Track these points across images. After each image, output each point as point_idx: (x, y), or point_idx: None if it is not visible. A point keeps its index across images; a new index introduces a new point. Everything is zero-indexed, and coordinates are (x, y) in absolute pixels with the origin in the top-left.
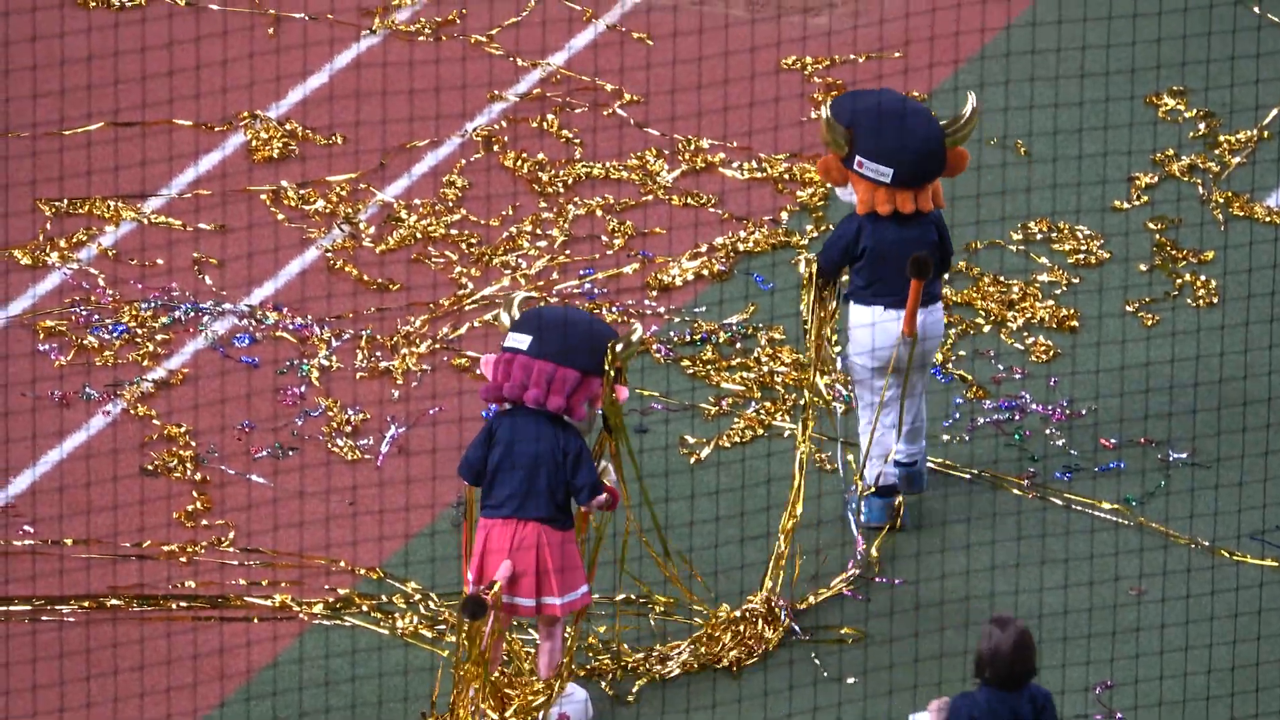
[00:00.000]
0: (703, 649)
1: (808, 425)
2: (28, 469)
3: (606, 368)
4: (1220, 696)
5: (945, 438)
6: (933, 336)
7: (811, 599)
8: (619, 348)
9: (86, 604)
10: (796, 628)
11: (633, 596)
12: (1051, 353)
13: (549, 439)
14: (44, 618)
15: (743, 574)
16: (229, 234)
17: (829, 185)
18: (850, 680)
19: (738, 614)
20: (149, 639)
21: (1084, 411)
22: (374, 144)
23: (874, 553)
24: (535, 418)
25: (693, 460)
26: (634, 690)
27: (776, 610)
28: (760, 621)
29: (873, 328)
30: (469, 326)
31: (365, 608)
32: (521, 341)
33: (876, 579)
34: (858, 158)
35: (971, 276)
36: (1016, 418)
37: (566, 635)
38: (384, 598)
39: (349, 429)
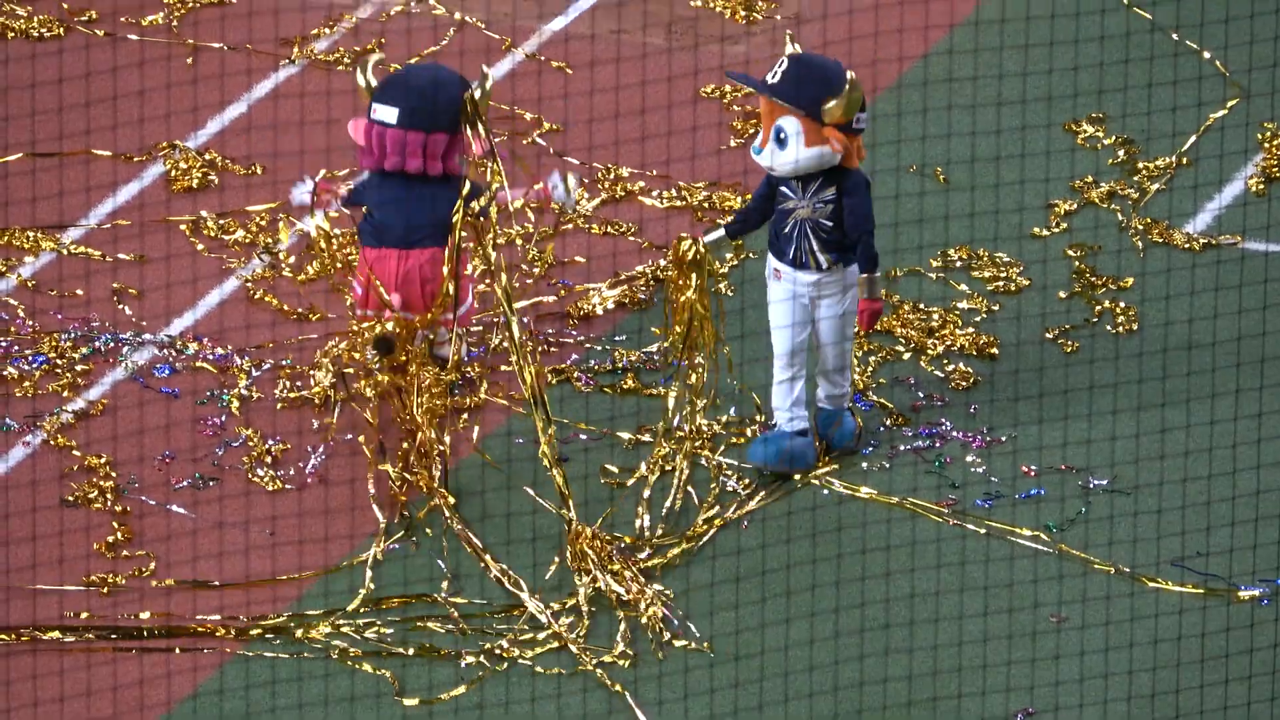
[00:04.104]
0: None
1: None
2: None
3: (470, 115)
4: None
5: (865, 465)
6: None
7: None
8: (476, 94)
9: (6, 636)
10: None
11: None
12: (971, 380)
13: (427, 195)
14: None
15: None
16: (148, 264)
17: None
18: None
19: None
20: (69, 670)
21: (1004, 438)
22: (292, 174)
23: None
24: (409, 180)
25: (614, 488)
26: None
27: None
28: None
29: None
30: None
31: (298, 634)
32: (389, 114)
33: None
34: (857, 115)
35: (891, 304)
36: (936, 445)
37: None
38: (306, 625)
39: (269, 459)
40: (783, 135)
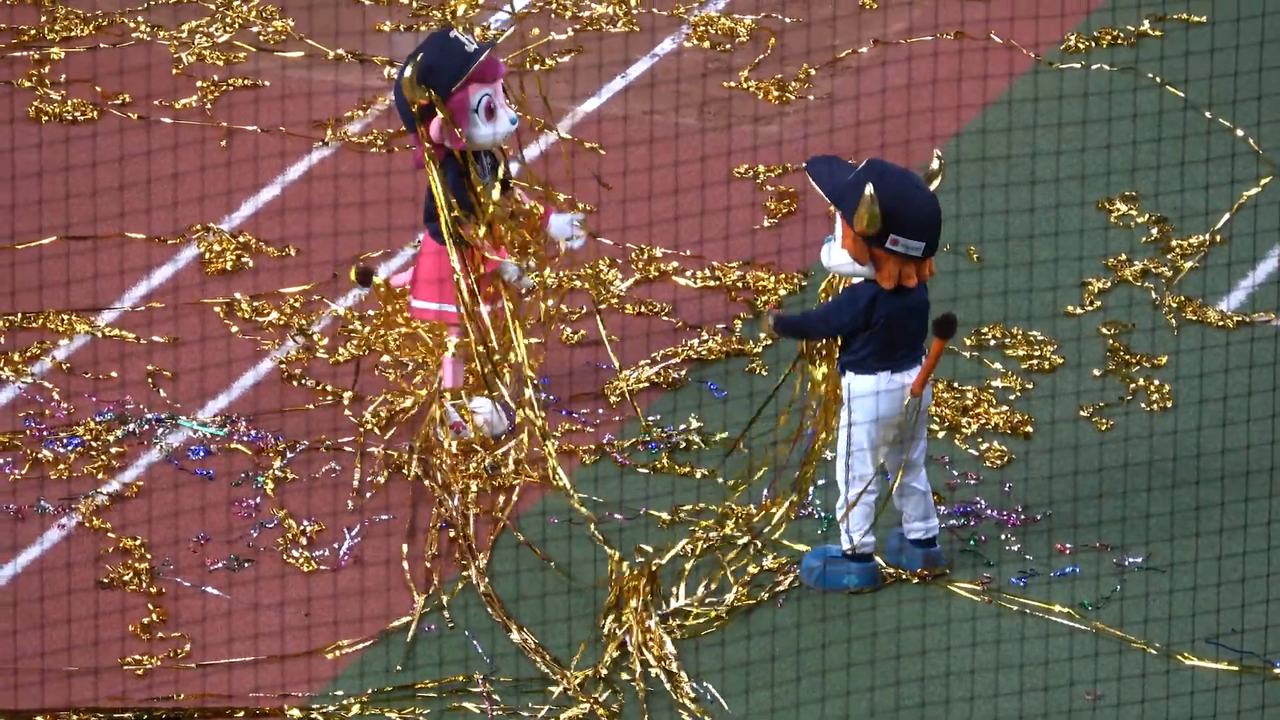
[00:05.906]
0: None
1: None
2: None
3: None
4: None
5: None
6: (927, 399)
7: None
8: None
9: (43, 718)
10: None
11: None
12: (1006, 458)
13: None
14: None
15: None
16: (182, 347)
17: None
18: None
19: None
20: None
21: (1039, 516)
22: (327, 256)
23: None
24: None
25: (652, 567)
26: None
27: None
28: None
29: (877, 396)
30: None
31: (333, 714)
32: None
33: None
34: (892, 235)
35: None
36: (971, 523)
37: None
38: (341, 707)
39: (304, 540)
40: (834, 233)
